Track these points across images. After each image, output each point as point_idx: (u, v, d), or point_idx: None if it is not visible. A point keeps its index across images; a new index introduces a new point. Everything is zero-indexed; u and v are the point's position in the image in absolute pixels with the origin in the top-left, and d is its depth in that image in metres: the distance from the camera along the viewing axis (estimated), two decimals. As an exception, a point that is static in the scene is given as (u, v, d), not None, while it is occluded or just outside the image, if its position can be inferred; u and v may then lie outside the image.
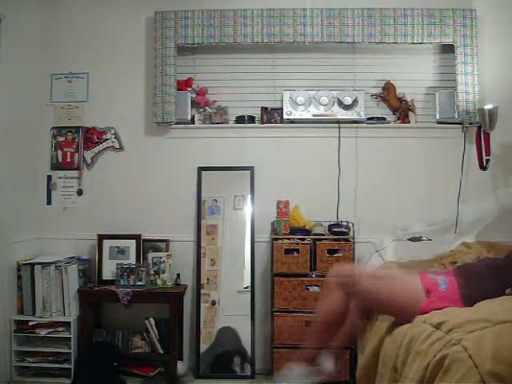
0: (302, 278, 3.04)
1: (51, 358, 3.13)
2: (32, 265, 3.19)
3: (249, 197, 3.42)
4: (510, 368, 1.30)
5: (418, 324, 1.69)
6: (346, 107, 3.35)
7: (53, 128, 3.53)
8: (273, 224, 3.27)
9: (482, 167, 3.26)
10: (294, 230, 3.17)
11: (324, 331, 2.17)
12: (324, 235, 3.15)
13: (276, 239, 3.11)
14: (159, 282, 3.28)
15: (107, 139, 3.52)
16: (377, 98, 3.47)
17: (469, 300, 1.84)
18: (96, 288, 3.26)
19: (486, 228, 3.28)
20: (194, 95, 3.48)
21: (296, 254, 3.06)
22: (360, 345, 2.37)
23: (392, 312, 1.98)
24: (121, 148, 3.53)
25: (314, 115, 3.37)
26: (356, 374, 2.18)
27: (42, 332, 3.10)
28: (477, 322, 1.51)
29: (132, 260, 3.34)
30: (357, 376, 2.15)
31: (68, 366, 3.10)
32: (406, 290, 1.95)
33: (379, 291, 1.97)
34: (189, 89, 3.46)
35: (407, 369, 1.57)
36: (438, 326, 1.56)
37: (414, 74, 3.47)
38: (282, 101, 3.37)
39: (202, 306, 3.31)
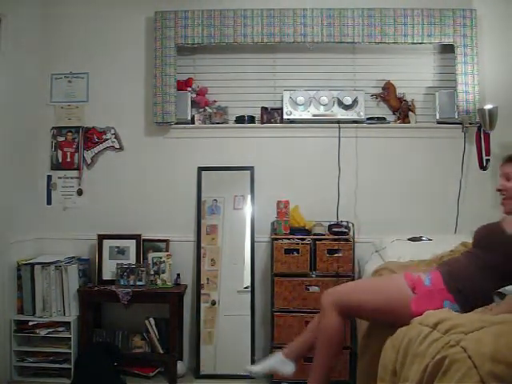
0: (301, 278, 3.04)
1: (51, 358, 3.13)
2: (32, 265, 3.19)
3: (249, 197, 3.42)
4: (509, 368, 1.30)
5: (415, 326, 1.68)
6: (346, 107, 3.35)
7: (53, 128, 3.54)
8: (273, 224, 3.26)
9: (482, 167, 3.26)
10: (293, 230, 3.17)
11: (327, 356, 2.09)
12: (324, 235, 3.15)
13: (276, 239, 3.11)
14: (159, 282, 3.28)
15: (107, 139, 3.52)
16: (377, 98, 3.47)
17: (455, 287, 1.83)
18: (96, 288, 3.25)
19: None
20: (194, 95, 3.48)
21: (296, 254, 3.06)
22: (360, 345, 2.36)
23: (384, 317, 1.96)
24: (121, 148, 3.53)
25: (314, 115, 3.37)
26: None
27: (42, 332, 3.11)
28: (474, 322, 1.51)
29: (132, 260, 3.34)
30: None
31: (68, 366, 3.10)
32: (392, 291, 1.94)
33: (367, 301, 1.96)
34: (189, 89, 3.46)
35: (406, 371, 1.57)
36: (434, 327, 1.56)
37: (414, 74, 3.47)
38: (282, 101, 3.37)
39: (202, 305, 3.31)
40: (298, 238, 3.11)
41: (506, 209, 2.08)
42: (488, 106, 3.14)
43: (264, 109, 3.44)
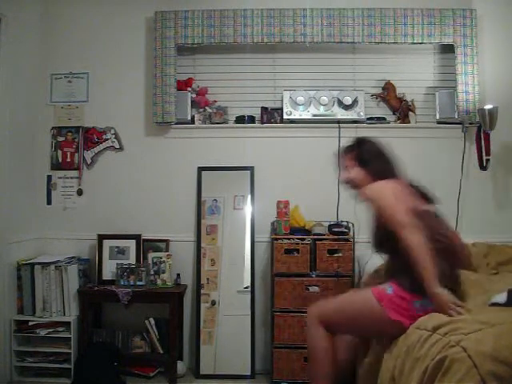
0: (301, 278, 3.04)
1: (51, 358, 3.13)
2: (32, 265, 3.18)
3: (249, 197, 3.42)
4: (509, 368, 1.30)
5: (413, 332, 1.69)
6: (346, 107, 3.35)
7: (53, 128, 3.53)
8: (273, 224, 3.26)
9: (482, 167, 3.26)
10: (293, 230, 3.17)
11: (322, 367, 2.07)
12: (324, 235, 3.14)
13: (276, 239, 3.11)
14: (159, 281, 3.28)
15: (107, 139, 3.52)
16: (377, 98, 3.47)
17: (413, 286, 1.86)
18: (96, 288, 3.25)
19: (486, 228, 3.28)
20: (194, 95, 3.48)
21: (296, 254, 3.06)
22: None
23: (361, 331, 2.04)
24: (121, 148, 3.53)
25: (314, 115, 3.37)
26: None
27: (42, 332, 3.10)
28: (474, 323, 1.51)
29: (132, 260, 3.34)
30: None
31: (68, 366, 3.10)
32: (359, 305, 1.99)
33: (340, 317, 2.02)
34: (189, 89, 3.46)
35: (406, 377, 1.57)
36: (433, 330, 1.56)
37: (414, 74, 3.47)
38: (282, 101, 3.37)
39: (202, 305, 3.31)
40: (297, 238, 3.11)
41: (360, 195, 2.16)
42: (488, 106, 3.14)
43: (264, 109, 3.44)
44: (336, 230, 3.16)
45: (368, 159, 2.11)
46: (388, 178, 2.06)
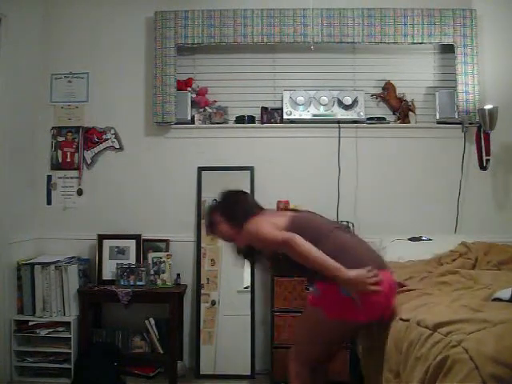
0: (302, 278, 3.03)
1: (51, 358, 3.13)
2: (32, 265, 3.19)
3: (249, 197, 3.41)
4: (511, 370, 1.30)
5: (414, 327, 1.68)
6: (346, 107, 3.35)
7: (53, 128, 3.53)
8: (273, 224, 3.25)
9: (482, 167, 3.26)
10: (293, 230, 3.16)
11: None
12: (324, 235, 3.14)
13: (276, 239, 3.10)
14: (159, 281, 3.28)
15: (107, 139, 3.52)
16: (377, 98, 3.47)
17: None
18: (96, 288, 3.26)
19: (486, 228, 3.28)
20: (194, 95, 3.48)
21: (296, 254, 3.06)
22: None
23: (342, 336, 2.16)
24: (121, 148, 3.53)
25: (314, 115, 3.37)
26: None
27: (42, 332, 3.11)
28: (475, 322, 1.51)
29: (132, 260, 3.34)
30: None
31: (68, 366, 3.10)
32: (310, 323, 2.09)
33: (315, 343, 2.07)
34: (189, 89, 3.46)
35: (408, 374, 1.57)
36: (434, 329, 1.55)
37: (414, 74, 3.47)
38: (282, 101, 3.37)
39: (202, 305, 3.31)
40: (298, 238, 3.10)
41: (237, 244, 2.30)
42: (488, 106, 3.14)
43: (264, 109, 3.44)
44: (336, 230, 3.15)
45: (231, 212, 2.22)
46: (252, 216, 2.19)
